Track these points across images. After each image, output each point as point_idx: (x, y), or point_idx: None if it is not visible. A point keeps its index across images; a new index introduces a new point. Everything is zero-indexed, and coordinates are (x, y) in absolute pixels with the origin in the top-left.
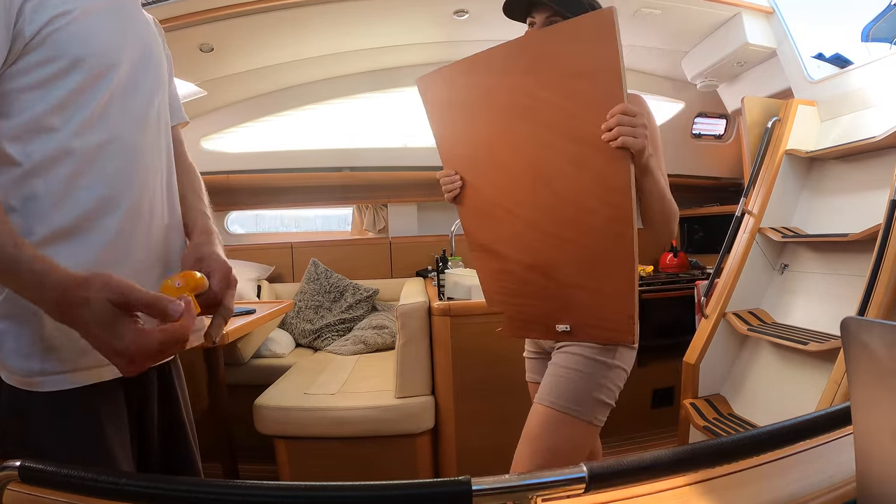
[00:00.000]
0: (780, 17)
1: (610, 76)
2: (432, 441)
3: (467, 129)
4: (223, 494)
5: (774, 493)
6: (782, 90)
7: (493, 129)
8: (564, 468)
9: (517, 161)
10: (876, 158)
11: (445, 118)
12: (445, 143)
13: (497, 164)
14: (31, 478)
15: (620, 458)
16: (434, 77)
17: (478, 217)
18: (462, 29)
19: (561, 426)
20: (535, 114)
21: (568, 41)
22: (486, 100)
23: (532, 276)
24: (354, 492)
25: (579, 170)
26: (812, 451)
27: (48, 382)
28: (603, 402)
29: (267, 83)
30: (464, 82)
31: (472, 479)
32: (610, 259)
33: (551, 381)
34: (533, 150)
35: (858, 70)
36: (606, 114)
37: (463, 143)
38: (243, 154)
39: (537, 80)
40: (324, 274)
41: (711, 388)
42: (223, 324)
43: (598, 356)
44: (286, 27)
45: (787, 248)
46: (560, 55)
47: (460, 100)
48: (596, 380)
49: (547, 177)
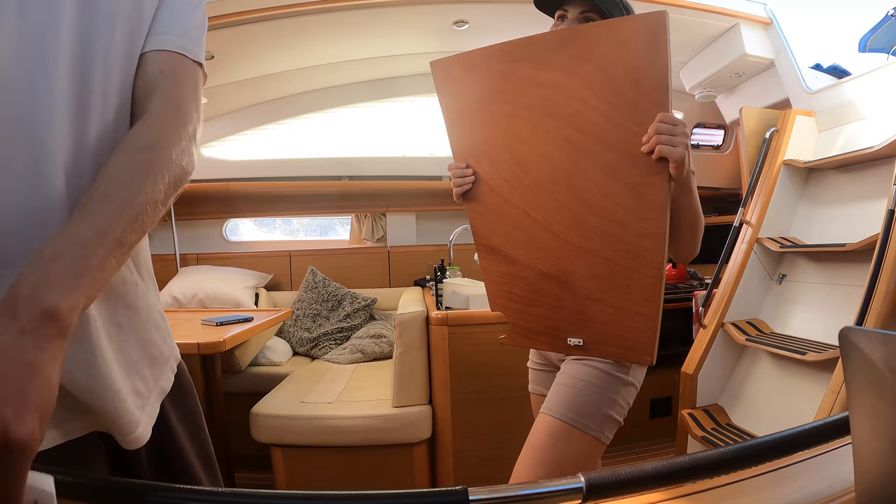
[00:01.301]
0: (778, 27)
1: (656, 83)
2: (429, 450)
3: (487, 121)
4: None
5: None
6: (780, 101)
7: (518, 124)
8: (562, 478)
9: (542, 161)
10: (874, 168)
11: (461, 107)
12: (459, 134)
13: (518, 163)
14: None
15: (618, 469)
16: (452, 62)
17: (489, 216)
18: (462, 39)
19: (569, 439)
20: (569, 114)
21: (617, 41)
22: (516, 91)
23: (546, 285)
24: (351, 501)
25: (612, 179)
26: (811, 461)
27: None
28: (613, 419)
29: (267, 92)
30: (491, 69)
31: (469, 488)
32: (636, 276)
33: (562, 392)
34: (562, 152)
35: (856, 80)
36: (647, 123)
37: (481, 135)
38: (243, 162)
39: (578, 79)
40: (322, 282)
41: (710, 399)
42: None
43: (614, 371)
44: (287, 36)
45: (786, 258)
46: (606, 55)
47: (484, 88)
48: (609, 395)
49: (574, 182)
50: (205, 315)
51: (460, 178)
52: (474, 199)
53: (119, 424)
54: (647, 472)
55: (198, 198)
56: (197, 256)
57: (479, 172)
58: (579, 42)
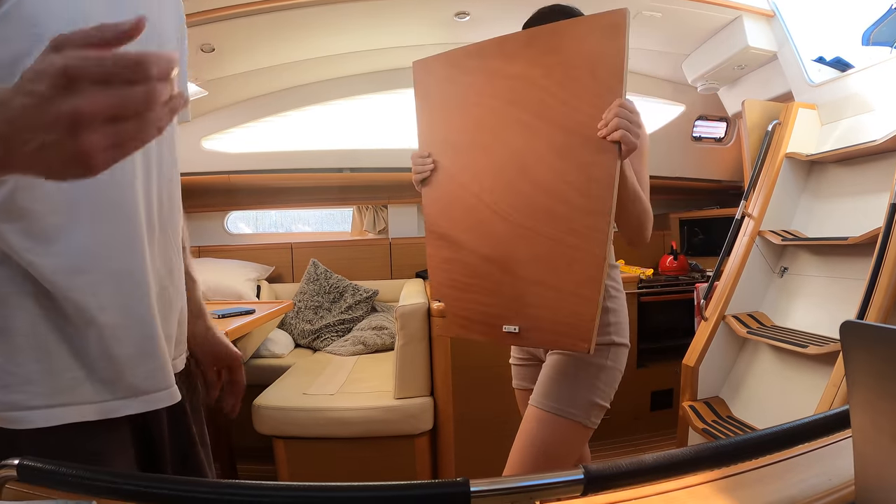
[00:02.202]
0: (781, 20)
1: (611, 71)
2: (431, 442)
3: (455, 113)
4: (221, 494)
5: (774, 496)
6: (783, 93)
7: (481, 113)
8: (562, 470)
9: (499, 146)
10: (876, 162)
11: (435, 102)
12: (428, 127)
13: (478, 149)
14: (29, 476)
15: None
16: (433, 61)
17: (443, 202)
18: (463, 31)
19: (555, 428)
20: (528, 100)
21: (579, 35)
22: (484, 84)
23: (487, 269)
24: (352, 492)
25: (563, 159)
26: (811, 454)
27: (32, 418)
28: (597, 404)
29: (268, 84)
30: (467, 65)
31: (471, 480)
32: (579, 255)
33: (546, 384)
34: (519, 136)
35: (859, 74)
36: (600, 107)
37: (447, 126)
38: (244, 154)
39: (542, 69)
40: (323, 274)
41: (711, 391)
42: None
43: (592, 358)
44: (287, 28)
45: (787, 251)
46: (570, 48)
47: (457, 82)
48: (590, 381)
49: (527, 164)
50: (207, 308)
51: (420, 165)
52: (431, 186)
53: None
54: (648, 464)
55: (199, 190)
56: (198, 249)
57: (441, 161)
58: (547, 37)
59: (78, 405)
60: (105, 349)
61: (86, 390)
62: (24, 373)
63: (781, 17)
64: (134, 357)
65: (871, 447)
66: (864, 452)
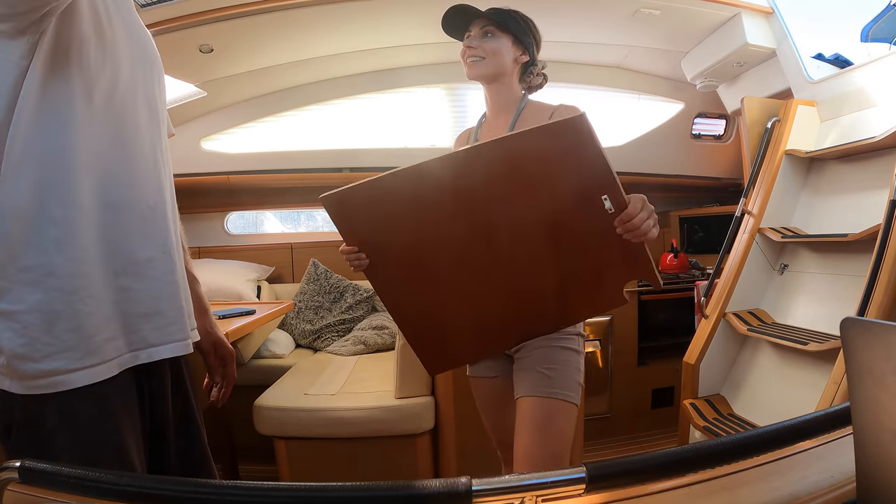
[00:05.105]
0: (780, 17)
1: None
2: (432, 441)
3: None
4: (223, 495)
5: (774, 494)
6: (782, 90)
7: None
8: (564, 469)
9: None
10: (876, 158)
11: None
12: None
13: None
14: (31, 478)
15: (620, 458)
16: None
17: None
18: None
19: (563, 411)
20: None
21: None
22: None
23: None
24: (354, 492)
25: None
26: (812, 452)
27: (62, 382)
28: (581, 385)
29: (267, 84)
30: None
31: (473, 479)
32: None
33: (542, 375)
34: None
35: (858, 70)
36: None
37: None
38: (243, 154)
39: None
40: (324, 274)
41: (711, 389)
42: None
43: (574, 346)
44: (287, 28)
45: (787, 248)
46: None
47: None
48: (575, 367)
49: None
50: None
51: (355, 261)
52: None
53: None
54: (649, 462)
55: (199, 191)
56: (198, 250)
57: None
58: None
59: (107, 362)
60: (132, 308)
61: (113, 346)
62: (60, 343)
63: (780, 14)
64: (155, 315)
65: (872, 444)
66: (866, 449)
